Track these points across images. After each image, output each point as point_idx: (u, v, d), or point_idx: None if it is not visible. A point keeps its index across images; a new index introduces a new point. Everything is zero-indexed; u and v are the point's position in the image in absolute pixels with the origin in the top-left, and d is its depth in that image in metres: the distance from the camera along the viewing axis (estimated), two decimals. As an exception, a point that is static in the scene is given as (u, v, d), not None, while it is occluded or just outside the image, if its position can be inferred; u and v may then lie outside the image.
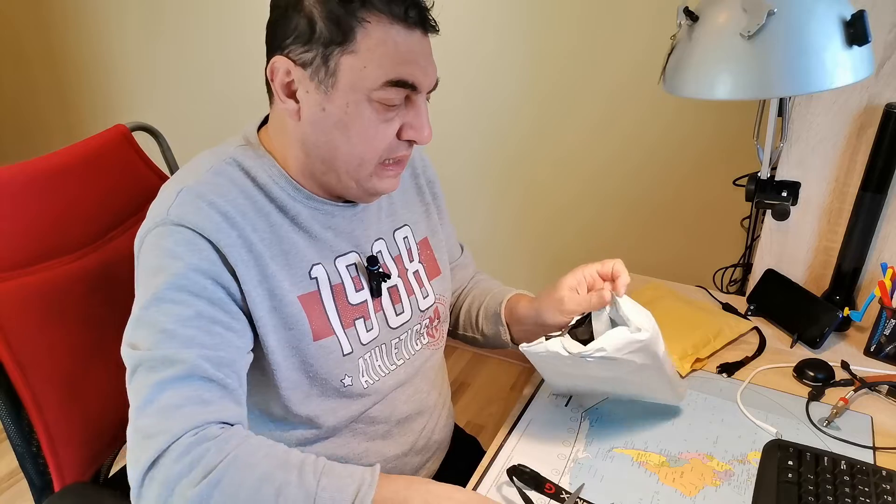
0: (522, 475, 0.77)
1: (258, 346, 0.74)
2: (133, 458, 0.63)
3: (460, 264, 1.05)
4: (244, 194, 0.74)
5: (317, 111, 0.71)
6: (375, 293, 0.83)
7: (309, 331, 0.76)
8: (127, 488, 0.63)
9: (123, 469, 1.04)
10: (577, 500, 0.75)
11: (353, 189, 0.77)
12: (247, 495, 0.62)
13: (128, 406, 0.66)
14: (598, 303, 0.79)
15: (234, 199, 0.73)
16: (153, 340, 0.66)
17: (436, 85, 0.76)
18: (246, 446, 0.64)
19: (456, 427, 1.05)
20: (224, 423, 0.66)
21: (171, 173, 1.09)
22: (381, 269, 0.84)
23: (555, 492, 0.76)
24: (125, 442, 0.68)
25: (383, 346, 0.84)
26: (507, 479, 0.77)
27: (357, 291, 0.82)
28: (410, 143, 0.76)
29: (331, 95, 0.70)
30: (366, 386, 0.82)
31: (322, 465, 0.66)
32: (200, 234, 0.69)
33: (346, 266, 0.81)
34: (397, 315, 0.86)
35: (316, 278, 0.78)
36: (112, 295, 0.93)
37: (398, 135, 0.74)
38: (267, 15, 0.74)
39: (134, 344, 0.67)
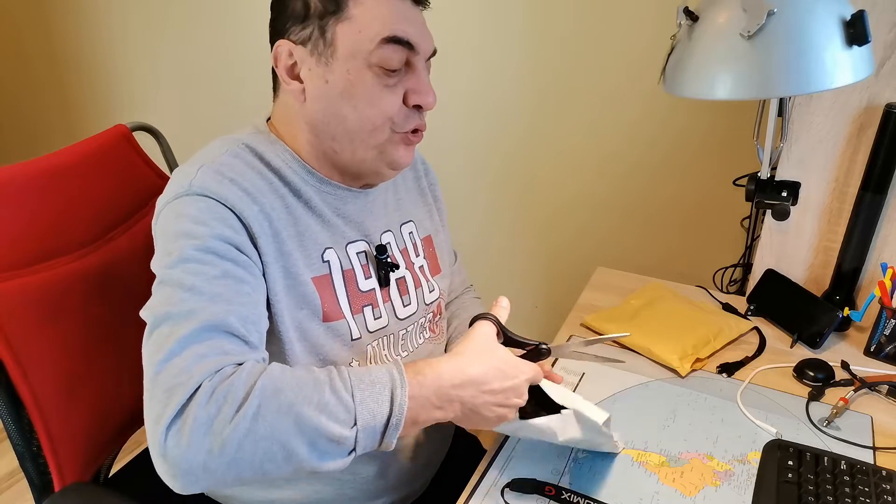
0: (521, 487, 0.77)
1: (272, 326, 0.73)
2: (154, 415, 0.59)
3: (454, 271, 1.06)
4: (260, 176, 0.75)
5: (320, 85, 0.73)
6: (384, 283, 0.84)
7: (320, 312, 0.76)
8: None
9: (123, 469, 1.05)
10: (581, 498, 0.75)
11: (370, 161, 0.78)
12: (287, 421, 0.60)
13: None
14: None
15: (251, 179, 0.74)
16: (179, 297, 0.64)
17: (434, 52, 0.77)
18: (267, 375, 0.62)
19: (456, 425, 1.05)
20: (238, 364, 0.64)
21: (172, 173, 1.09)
22: (389, 259, 0.84)
23: (555, 493, 0.76)
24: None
25: (391, 335, 0.85)
26: (507, 488, 0.77)
27: (366, 279, 0.82)
28: (418, 110, 0.77)
29: (331, 66, 0.72)
30: None
31: (348, 376, 0.64)
32: (224, 204, 0.69)
33: (357, 253, 0.82)
34: (405, 306, 0.87)
35: (328, 262, 0.78)
36: (112, 295, 0.93)
37: (404, 102, 0.75)
38: (267, 15, 0.76)
39: (157, 302, 0.65)
